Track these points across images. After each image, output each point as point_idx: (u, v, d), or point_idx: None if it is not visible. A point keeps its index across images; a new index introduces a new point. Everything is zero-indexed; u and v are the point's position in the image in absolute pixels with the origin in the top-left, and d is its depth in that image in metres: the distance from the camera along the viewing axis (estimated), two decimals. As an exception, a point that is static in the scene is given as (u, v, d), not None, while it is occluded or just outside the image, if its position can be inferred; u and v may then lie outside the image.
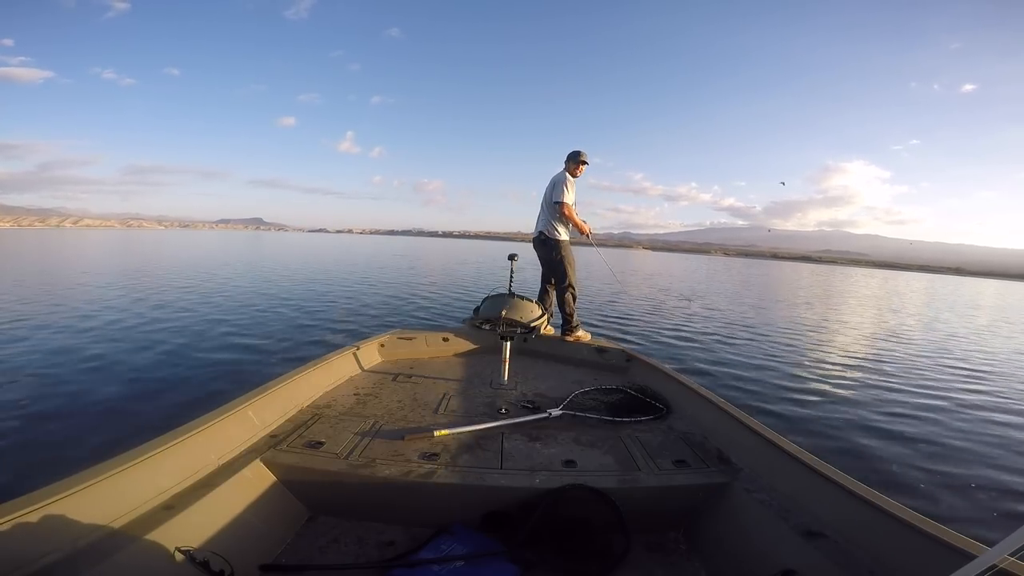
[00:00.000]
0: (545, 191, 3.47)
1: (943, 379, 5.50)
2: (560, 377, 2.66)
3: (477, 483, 1.41)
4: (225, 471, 1.35)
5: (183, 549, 1.04)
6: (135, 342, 5.10)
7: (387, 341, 2.85)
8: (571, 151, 3.42)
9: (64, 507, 1.00)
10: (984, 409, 4.37)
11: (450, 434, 1.71)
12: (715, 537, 1.36)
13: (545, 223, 3.40)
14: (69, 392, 3.53)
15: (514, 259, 2.85)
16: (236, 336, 5.64)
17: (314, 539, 1.33)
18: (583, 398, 2.21)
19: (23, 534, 0.92)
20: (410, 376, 2.48)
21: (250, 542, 1.23)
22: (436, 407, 2.06)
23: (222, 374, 4.19)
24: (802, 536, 1.18)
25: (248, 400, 1.64)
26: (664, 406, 2.13)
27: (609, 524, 1.31)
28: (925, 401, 4.50)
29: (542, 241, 3.42)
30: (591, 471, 1.52)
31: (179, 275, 12.57)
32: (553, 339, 3.21)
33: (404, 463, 1.49)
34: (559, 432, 1.83)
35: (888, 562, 1.06)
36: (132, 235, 73.13)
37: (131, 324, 6.04)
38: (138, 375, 4.00)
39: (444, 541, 1.27)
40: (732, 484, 1.45)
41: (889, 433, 3.57)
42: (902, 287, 32.03)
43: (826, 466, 1.34)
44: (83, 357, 4.44)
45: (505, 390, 2.36)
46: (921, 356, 6.86)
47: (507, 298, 2.49)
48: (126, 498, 1.12)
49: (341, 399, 2.08)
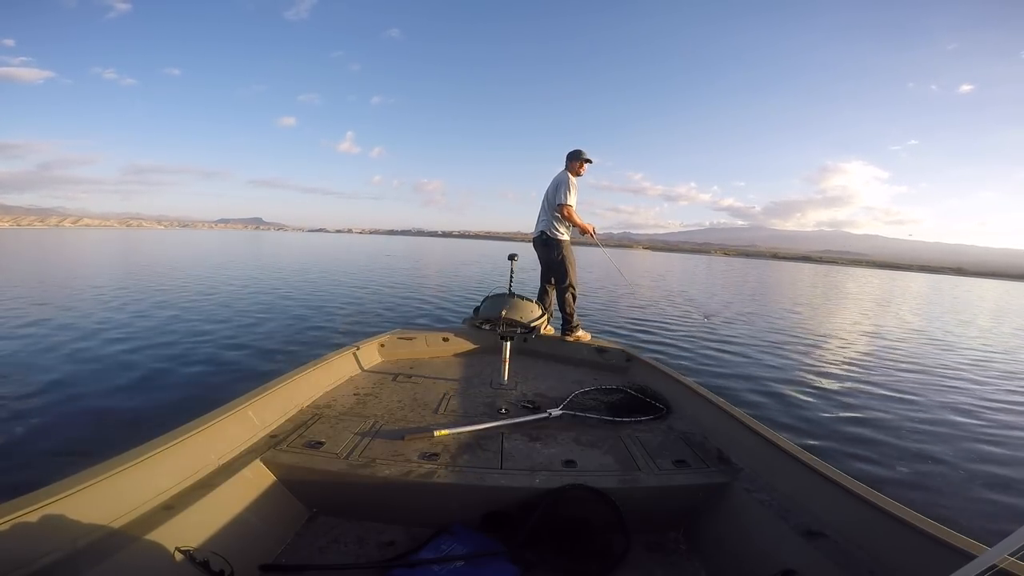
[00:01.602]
0: (547, 191, 3.45)
1: (953, 381, 5.52)
2: (560, 377, 2.66)
3: (477, 483, 1.41)
4: (225, 471, 1.35)
5: (183, 549, 1.04)
6: (134, 342, 5.09)
7: (387, 341, 2.85)
8: (571, 150, 3.39)
9: (64, 507, 1.00)
10: (985, 409, 4.38)
11: (450, 434, 1.71)
12: (715, 537, 1.36)
13: (547, 223, 3.38)
14: (69, 392, 3.53)
15: (514, 259, 2.85)
16: (236, 336, 5.63)
17: (314, 539, 1.33)
18: (583, 398, 2.21)
19: (23, 534, 0.92)
20: (410, 376, 2.48)
21: (250, 542, 1.23)
22: (436, 407, 2.06)
23: (222, 374, 4.19)
24: (802, 536, 1.18)
25: (248, 400, 1.64)
26: (664, 406, 2.13)
27: (609, 524, 1.31)
28: (925, 402, 4.52)
29: (543, 241, 3.41)
30: (591, 471, 1.52)
31: (179, 275, 12.56)
32: (553, 339, 3.21)
33: (404, 463, 1.49)
34: (559, 432, 1.83)
35: (888, 562, 1.06)
36: (131, 235, 73.09)
37: (130, 324, 6.03)
38: (138, 375, 4.00)
39: (444, 541, 1.27)
40: (732, 484, 1.45)
41: (889, 433, 3.58)
42: (915, 288, 31.35)
43: (826, 466, 1.34)
44: (82, 357, 4.44)
45: (505, 390, 2.36)
46: (939, 357, 6.87)
47: (507, 298, 2.49)
48: (126, 498, 1.12)
49: (341, 399, 2.08)
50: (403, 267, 19.75)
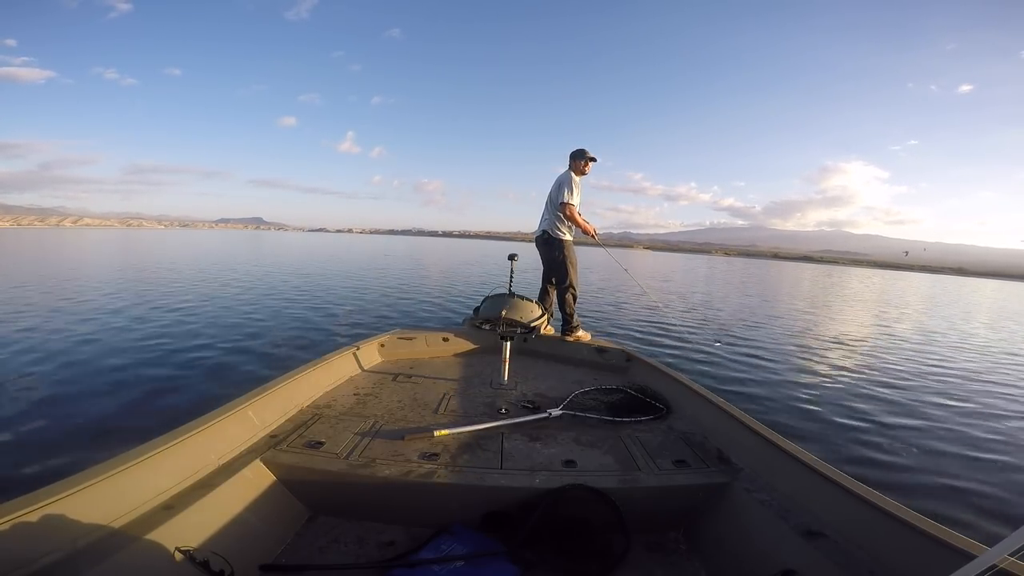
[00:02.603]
0: (550, 190, 3.44)
1: (958, 381, 5.52)
2: (560, 377, 2.66)
3: (477, 483, 1.41)
4: (225, 471, 1.35)
5: (183, 549, 1.04)
6: (134, 342, 5.09)
7: (387, 341, 2.85)
8: (575, 149, 3.38)
9: (64, 507, 1.00)
10: (986, 408, 4.38)
11: (450, 434, 1.71)
12: (715, 537, 1.36)
13: (549, 223, 3.37)
14: (69, 392, 3.53)
15: (514, 259, 2.85)
16: (236, 336, 5.63)
17: (314, 539, 1.33)
18: (583, 398, 2.22)
19: (23, 534, 0.92)
20: (410, 376, 2.48)
21: (250, 542, 1.23)
22: (436, 407, 2.06)
23: (222, 374, 4.18)
24: (802, 536, 1.18)
25: (248, 400, 1.64)
26: (664, 406, 2.13)
27: (609, 524, 1.31)
28: (929, 401, 4.52)
29: (545, 240, 3.40)
30: (591, 471, 1.52)
31: (178, 275, 12.56)
32: (553, 339, 3.21)
33: (404, 463, 1.49)
34: (559, 432, 1.83)
35: (888, 562, 1.06)
36: (130, 235, 73.02)
37: (129, 324, 6.03)
38: (137, 375, 4.00)
39: (444, 541, 1.27)
40: (732, 484, 1.45)
41: (889, 434, 3.58)
42: (921, 290, 30.88)
43: (826, 466, 1.34)
44: (81, 358, 4.43)
45: (505, 390, 2.36)
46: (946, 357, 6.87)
47: (507, 298, 2.49)
48: (126, 498, 1.12)
49: (341, 399, 2.08)
50: (403, 267, 19.74)
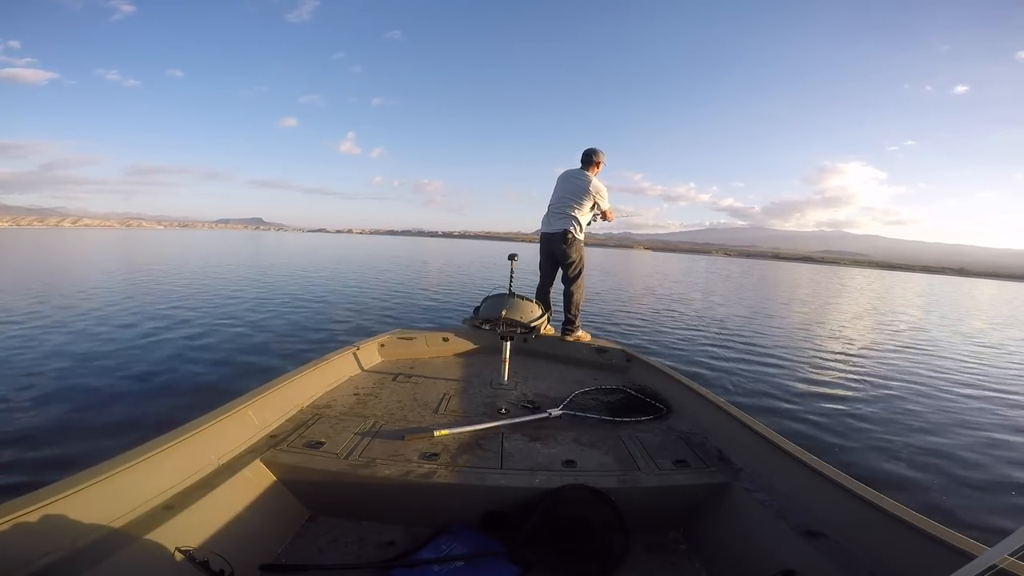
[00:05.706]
0: (564, 189, 3.40)
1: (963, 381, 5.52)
2: (560, 377, 2.66)
3: (477, 483, 1.41)
4: (225, 471, 1.35)
5: (183, 549, 1.04)
6: (134, 342, 5.09)
7: (387, 341, 2.85)
8: (589, 149, 3.43)
9: (64, 507, 0.99)
10: (986, 409, 4.38)
11: (450, 434, 1.71)
12: (715, 537, 1.36)
13: (568, 221, 3.34)
14: (69, 393, 3.53)
15: (514, 259, 2.85)
16: (236, 336, 5.63)
17: (314, 539, 1.33)
18: (583, 398, 2.21)
19: (23, 534, 0.92)
20: (410, 376, 2.48)
21: (250, 542, 1.23)
22: (436, 407, 2.06)
23: (222, 374, 4.19)
24: (802, 536, 1.18)
25: (248, 400, 1.64)
26: (664, 406, 2.13)
27: (609, 524, 1.31)
28: (929, 400, 4.52)
29: (564, 239, 3.35)
30: (591, 471, 1.52)
31: (178, 275, 12.55)
32: (553, 339, 3.20)
33: (404, 463, 1.49)
34: (559, 432, 1.83)
35: (888, 562, 1.06)
36: (130, 235, 72.96)
37: (129, 324, 6.03)
38: (137, 375, 4.00)
39: (444, 541, 1.27)
40: (732, 484, 1.45)
41: (890, 433, 3.58)
42: (924, 290, 30.59)
43: (826, 466, 1.34)
44: (81, 358, 4.44)
45: (505, 390, 2.36)
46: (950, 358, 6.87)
47: (507, 298, 2.48)
48: (126, 498, 1.11)
49: (341, 399, 2.08)
50: (403, 267, 19.75)
